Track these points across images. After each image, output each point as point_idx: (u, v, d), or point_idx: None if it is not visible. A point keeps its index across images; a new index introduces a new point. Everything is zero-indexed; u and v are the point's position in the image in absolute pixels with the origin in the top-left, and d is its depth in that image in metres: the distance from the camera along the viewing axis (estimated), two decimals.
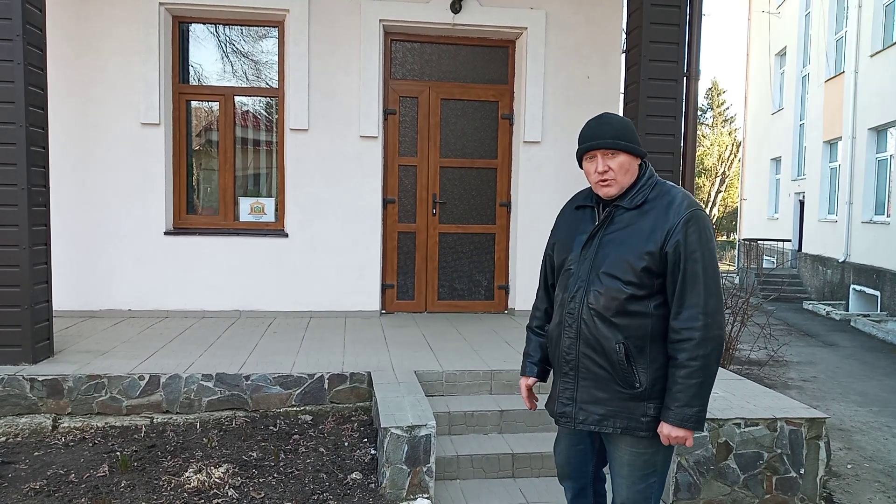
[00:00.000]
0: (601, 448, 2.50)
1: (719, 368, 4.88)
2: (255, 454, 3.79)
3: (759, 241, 19.65)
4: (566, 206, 2.53)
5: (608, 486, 2.56)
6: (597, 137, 2.29)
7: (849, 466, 4.83)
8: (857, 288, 14.46)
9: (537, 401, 2.66)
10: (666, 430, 2.22)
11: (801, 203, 18.63)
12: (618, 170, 2.27)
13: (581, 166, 2.39)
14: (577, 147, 2.38)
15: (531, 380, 2.59)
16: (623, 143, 2.27)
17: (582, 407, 2.33)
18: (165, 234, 6.25)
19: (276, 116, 6.57)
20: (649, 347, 2.24)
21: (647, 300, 2.22)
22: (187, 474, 3.51)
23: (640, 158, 2.34)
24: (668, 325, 2.23)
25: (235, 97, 6.52)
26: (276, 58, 6.52)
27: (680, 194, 2.29)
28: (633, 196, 2.30)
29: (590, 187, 2.43)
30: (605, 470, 2.56)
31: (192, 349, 4.93)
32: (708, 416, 3.68)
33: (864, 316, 12.65)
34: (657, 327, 2.23)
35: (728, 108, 37.71)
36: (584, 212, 2.42)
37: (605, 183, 2.30)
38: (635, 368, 2.24)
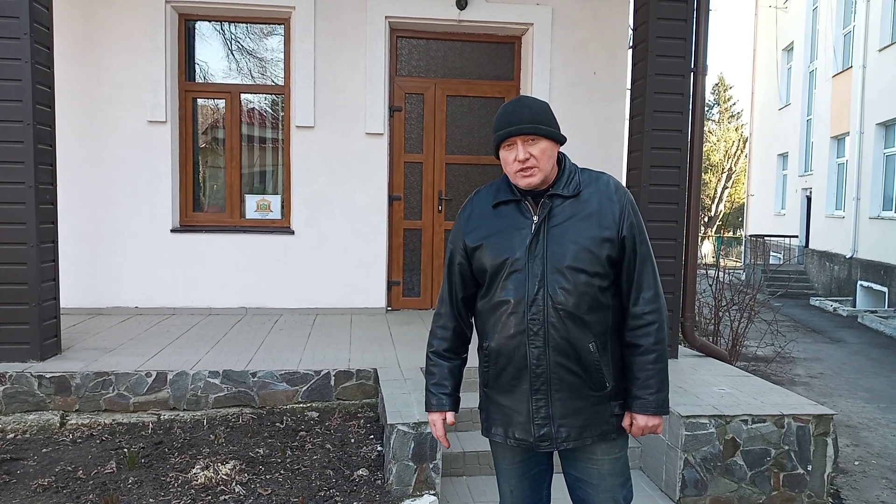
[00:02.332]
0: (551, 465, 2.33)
1: (727, 365, 4.88)
2: (261, 451, 3.80)
3: (765, 238, 19.56)
4: (475, 205, 2.22)
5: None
6: (515, 123, 2.05)
7: (856, 463, 4.81)
8: (865, 284, 14.39)
9: None
10: (642, 422, 2.11)
11: (808, 199, 18.55)
12: (540, 156, 2.06)
13: (497, 156, 2.15)
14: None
15: (451, 415, 2.30)
16: (545, 128, 2.06)
17: (561, 424, 2.11)
18: (172, 231, 6.27)
19: (282, 113, 6.58)
20: (610, 342, 2.12)
21: (608, 291, 2.10)
22: (194, 471, 3.53)
23: (560, 144, 2.13)
24: (625, 312, 2.12)
25: (241, 94, 6.53)
26: (281, 55, 6.52)
27: (608, 176, 2.17)
28: (567, 184, 2.11)
29: (500, 180, 2.22)
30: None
31: (199, 346, 4.94)
32: (715, 412, 3.70)
33: (872, 312, 12.57)
34: (614, 319, 2.12)
35: (735, 104, 37.61)
36: (509, 207, 2.15)
37: (528, 172, 2.07)
38: (603, 367, 2.09)
